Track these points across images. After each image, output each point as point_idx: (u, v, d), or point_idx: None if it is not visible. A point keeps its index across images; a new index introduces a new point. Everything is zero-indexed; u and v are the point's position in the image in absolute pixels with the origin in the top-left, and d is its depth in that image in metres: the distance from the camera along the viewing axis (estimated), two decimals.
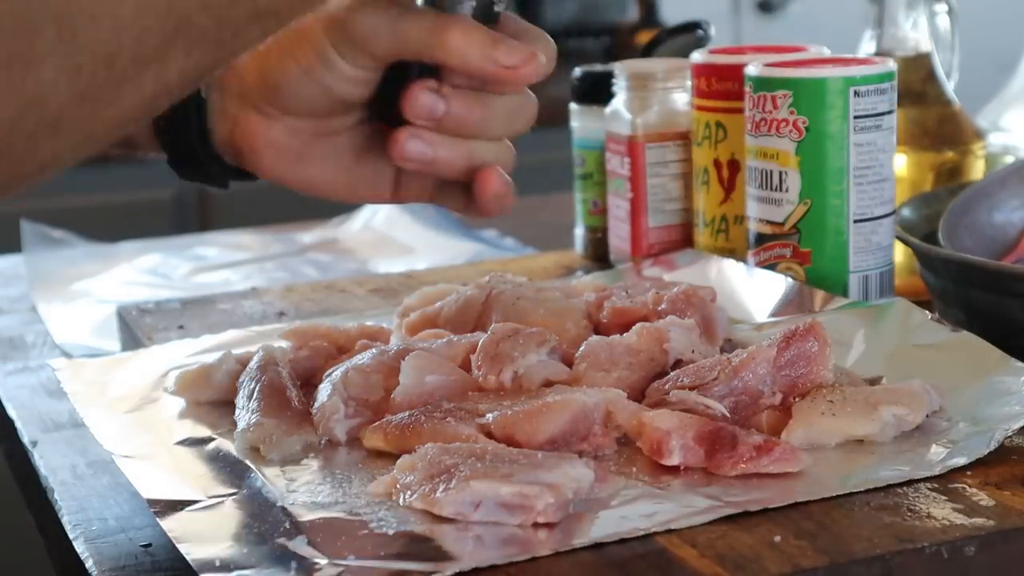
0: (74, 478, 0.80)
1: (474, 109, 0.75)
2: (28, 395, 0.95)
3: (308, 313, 1.04)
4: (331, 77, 0.74)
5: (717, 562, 0.61)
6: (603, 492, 0.67)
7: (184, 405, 0.82)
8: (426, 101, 0.74)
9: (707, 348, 0.82)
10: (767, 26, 3.24)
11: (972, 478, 0.68)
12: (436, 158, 0.76)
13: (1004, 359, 0.78)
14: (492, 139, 0.77)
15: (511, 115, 0.77)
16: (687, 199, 1.08)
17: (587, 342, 0.81)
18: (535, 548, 0.62)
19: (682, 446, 0.70)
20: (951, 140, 1.07)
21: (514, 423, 0.72)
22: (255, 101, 0.77)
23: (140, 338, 0.99)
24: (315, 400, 0.78)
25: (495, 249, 1.30)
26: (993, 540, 0.63)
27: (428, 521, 0.65)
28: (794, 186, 0.94)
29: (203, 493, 0.69)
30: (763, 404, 0.74)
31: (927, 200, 1.01)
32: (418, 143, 0.75)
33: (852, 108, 0.92)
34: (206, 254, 1.36)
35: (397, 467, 0.69)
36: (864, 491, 0.67)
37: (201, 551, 0.63)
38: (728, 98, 1.02)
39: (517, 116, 0.78)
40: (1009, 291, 0.84)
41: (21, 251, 1.34)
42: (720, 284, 0.95)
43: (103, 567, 0.69)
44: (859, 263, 0.94)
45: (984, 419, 0.73)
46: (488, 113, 0.76)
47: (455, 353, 0.81)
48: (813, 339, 0.76)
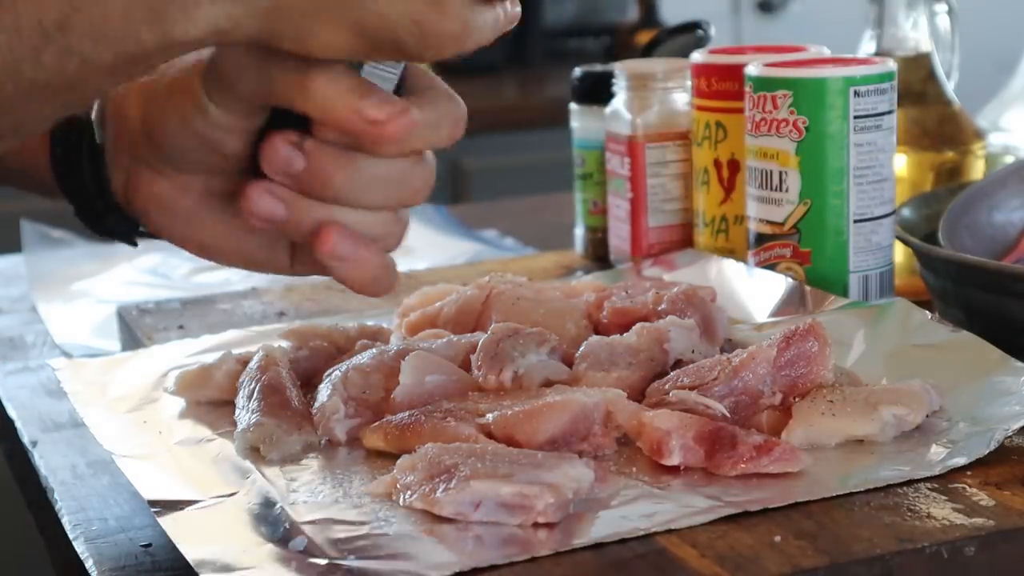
0: (74, 478, 0.80)
1: (340, 169, 0.67)
2: (28, 395, 0.95)
3: (308, 313, 1.04)
4: (204, 124, 0.68)
5: (717, 562, 0.61)
6: (603, 492, 0.67)
7: (184, 405, 0.82)
8: (281, 153, 0.67)
9: (707, 348, 0.82)
10: (767, 26, 3.24)
11: (972, 478, 0.68)
12: (289, 220, 0.68)
13: (1004, 359, 0.78)
14: (365, 207, 0.68)
15: (391, 182, 0.68)
16: (687, 199, 1.08)
17: (587, 342, 0.81)
18: (535, 548, 0.62)
19: (682, 446, 0.70)
20: (951, 140, 1.07)
21: (514, 423, 0.72)
22: (143, 154, 0.72)
23: (140, 338, 0.99)
24: (315, 400, 0.78)
25: (495, 249, 1.30)
26: (993, 540, 0.63)
27: (428, 521, 0.65)
28: (794, 186, 0.94)
29: (203, 493, 0.69)
30: (763, 404, 0.74)
31: (927, 200, 1.01)
32: (268, 200, 0.68)
33: (852, 108, 0.92)
34: None
35: (397, 467, 0.69)
36: (864, 491, 0.67)
37: (201, 551, 0.63)
38: (728, 98, 1.02)
39: (399, 184, 0.69)
40: (1009, 291, 0.84)
41: (21, 251, 1.34)
42: (720, 284, 0.95)
43: (103, 567, 0.69)
44: (859, 263, 0.94)
45: (984, 419, 0.73)
46: (358, 176, 0.67)
47: (455, 353, 0.81)
48: (813, 339, 0.76)
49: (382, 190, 0.68)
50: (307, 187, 0.68)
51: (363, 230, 0.69)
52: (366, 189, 0.68)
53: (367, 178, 0.68)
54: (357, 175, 0.67)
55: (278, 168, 0.67)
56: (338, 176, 0.67)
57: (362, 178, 0.67)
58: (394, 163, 0.68)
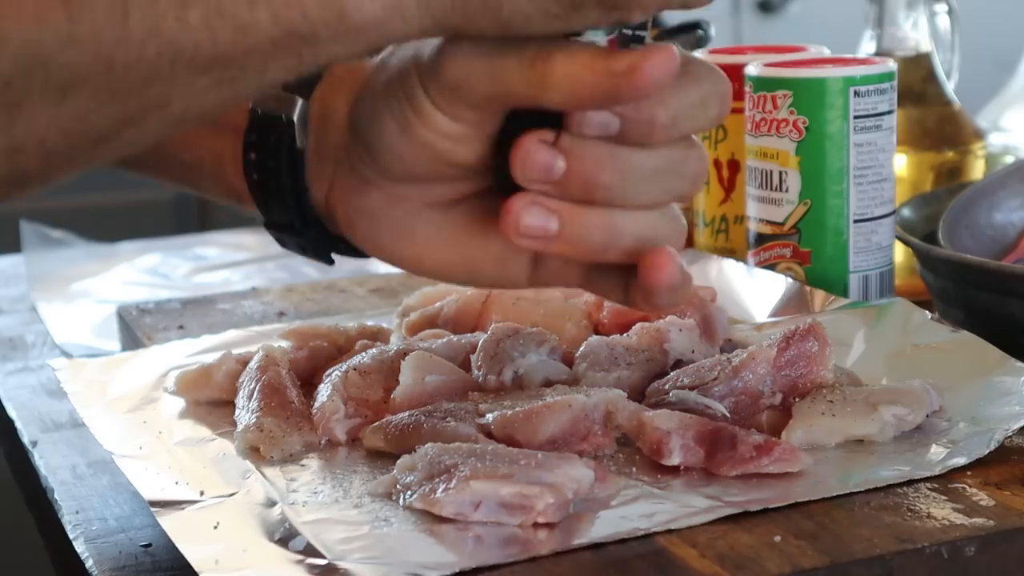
0: (74, 478, 0.80)
1: (607, 165, 0.59)
2: (28, 395, 0.95)
3: (308, 313, 1.04)
4: (430, 133, 0.60)
5: (717, 562, 0.61)
6: (603, 492, 0.67)
7: (184, 405, 0.82)
8: (539, 157, 0.58)
9: (707, 348, 0.82)
10: (767, 26, 3.24)
11: (972, 478, 0.68)
12: (562, 234, 0.60)
13: (1004, 359, 0.78)
14: (640, 205, 0.60)
15: (665, 172, 0.60)
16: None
17: (587, 342, 0.81)
18: (535, 548, 0.62)
19: (682, 446, 0.70)
20: (951, 140, 1.07)
21: (514, 423, 0.72)
22: (351, 161, 0.65)
23: (140, 338, 0.99)
24: (315, 400, 0.78)
25: None
26: (993, 540, 0.63)
27: (428, 521, 0.65)
28: (794, 186, 0.94)
29: (203, 493, 0.69)
30: (763, 404, 0.74)
31: (927, 200, 1.01)
32: (536, 214, 0.59)
33: (852, 108, 0.92)
34: (206, 254, 1.36)
35: (397, 467, 0.69)
36: (864, 491, 0.67)
37: (201, 551, 0.63)
38: None
39: (674, 174, 0.61)
40: (1009, 291, 0.84)
41: (21, 251, 1.34)
42: (720, 284, 0.95)
43: (103, 567, 0.69)
44: (859, 263, 0.94)
45: (984, 419, 0.73)
46: (628, 170, 0.59)
47: (455, 353, 0.81)
48: (813, 339, 0.76)
49: (657, 182, 0.60)
50: (572, 192, 0.59)
51: (642, 233, 0.61)
52: (640, 184, 0.60)
53: (639, 171, 0.60)
54: (627, 169, 0.59)
55: (537, 175, 0.59)
56: (606, 173, 0.59)
57: (633, 172, 0.59)
58: (665, 152, 0.60)
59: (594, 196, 0.59)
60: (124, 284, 1.24)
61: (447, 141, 0.61)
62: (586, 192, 0.59)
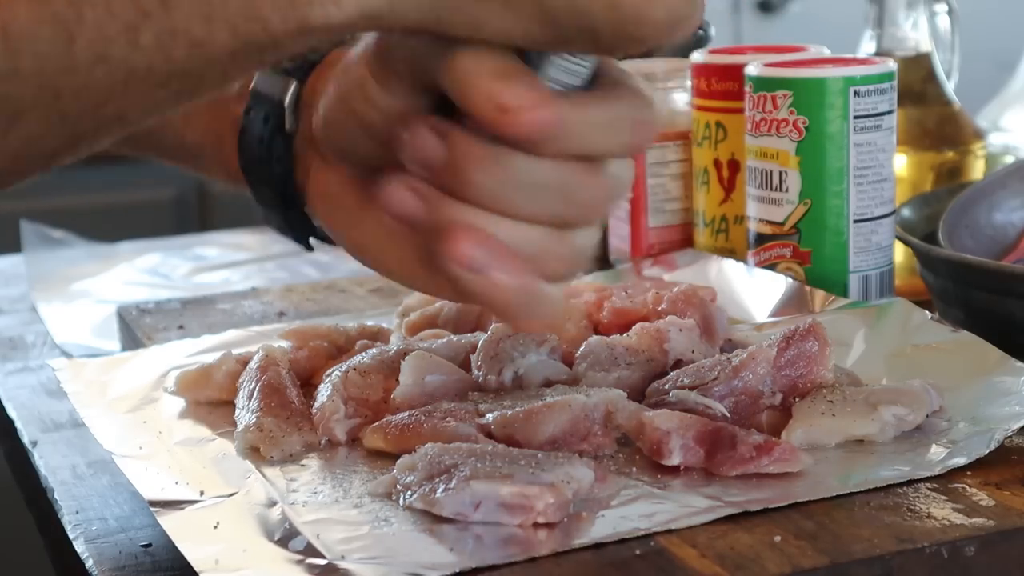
0: (74, 478, 0.80)
1: (484, 166, 0.57)
2: (28, 395, 0.95)
3: (308, 313, 1.04)
4: (366, 107, 0.60)
5: (717, 562, 0.61)
6: (603, 492, 0.67)
7: (184, 405, 0.82)
8: (420, 142, 0.57)
9: (707, 348, 0.82)
10: (767, 26, 3.24)
11: (972, 478, 0.68)
12: (426, 219, 0.58)
13: (1004, 359, 0.78)
14: (515, 216, 0.58)
15: (547, 190, 0.57)
16: (687, 199, 1.08)
17: (587, 342, 0.81)
18: (535, 548, 0.62)
19: (682, 446, 0.70)
20: (951, 140, 1.07)
21: (514, 423, 0.72)
22: (317, 143, 0.66)
23: (140, 338, 0.99)
24: (315, 400, 0.78)
25: None
26: (993, 540, 0.63)
27: (428, 521, 0.65)
28: (794, 186, 0.94)
29: (203, 493, 0.69)
30: (763, 404, 0.74)
31: (927, 200, 1.01)
32: (404, 193, 0.58)
33: (852, 108, 0.92)
34: (206, 254, 1.36)
35: (397, 467, 0.69)
36: (864, 491, 0.67)
37: (201, 551, 0.63)
38: (728, 98, 1.02)
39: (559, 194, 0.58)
40: (1009, 291, 0.84)
41: (21, 251, 1.34)
42: (720, 284, 0.95)
43: (103, 567, 0.69)
44: (859, 263, 0.94)
45: (984, 419, 0.73)
46: (505, 176, 0.57)
47: (455, 353, 0.81)
48: (813, 339, 0.76)
49: (535, 198, 0.57)
50: (449, 184, 0.58)
51: (513, 245, 0.58)
52: (514, 194, 0.57)
53: (516, 181, 0.57)
54: (504, 175, 0.57)
55: (415, 156, 0.58)
56: (480, 173, 0.57)
57: (510, 180, 0.57)
58: (554, 168, 0.57)
59: (465, 193, 0.57)
60: (124, 284, 1.24)
61: (379, 116, 0.60)
62: (461, 187, 0.57)
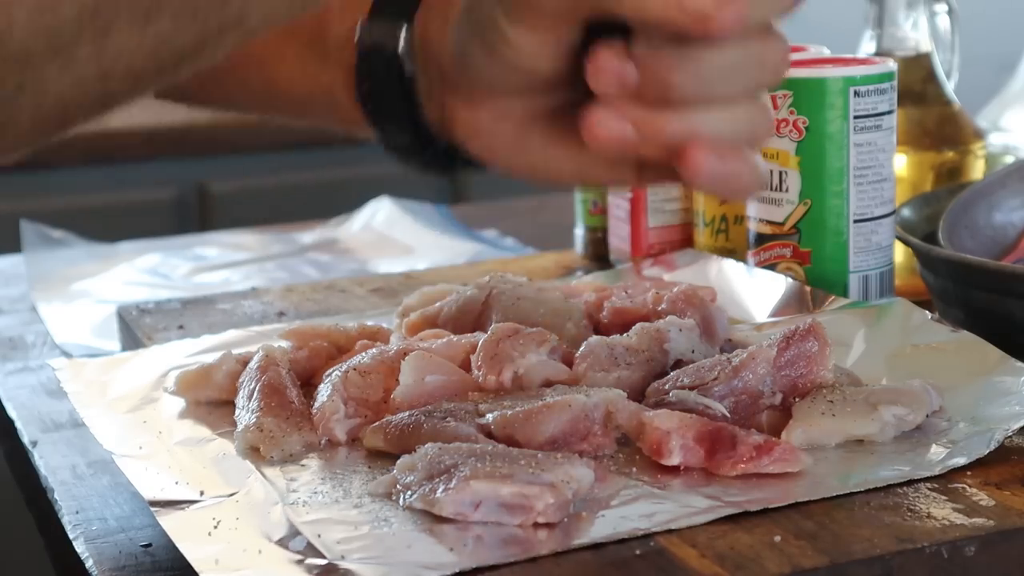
0: (74, 478, 0.80)
1: (679, 67, 0.58)
2: (28, 395, 0.95)
3: (308, 313, 1.04)
4: (510, 50, 0.61)
5: (717, 562, 0.61)
6: (603, 492, 0.67)
7: (184, 405, 0.82)
8: (610, 67, 0.59)
9: (707, 348, 0.82)
10: None
11: (972, 478, 0.68)
12: (642, 139, 0.60)
13: (1004, 359, 0.78)
14: (719, 102, 0.60)
15: (742, 67, 0.60)
16: (687, 199, 1.08)
17: (587, 342, 0.81)
18: (535, 548, 0.62)
19: (682, 446, 0.70)
20: (951, 140, 1.07)
21: (514, 423, 0.72)
22: (456, 82, 0.66)
23: (140, 338, 0.99)
24: (315, 400, 0.78)
25: (495, 249, 1.30)
26: (993, 540, 0.63)
27: (428, 521, 0.65)
28: (794, 186, 0.94)
29: (203, 493, 0.69)
30: (763, 404, 0.74)
31: (927, 200, 1.01)
32: (613, 122, 0.60)
33: (852, 108, 0.92)
34: (206, 254, 1.36)
35: (397, 467, 0.69)
36: (864, 491, 0.67)
37: (201, 551, 0.63)
38: None
39: (753, 66, 0.60)
40: (1009, 291, 0.84)
41: (21, 251, 1.35)
42: (720, 284, 0.95)
43: (103, 567, 0.69)
44: (859, 263, 0.94)
45: (984, 419, 0.73)
46: (703, 71, 0.59)
47: (455, 353, 0.81)
48: (813, 339, 0.76)
49: (733, 78, 0.60)
50: (647, 97, 0.59)
51: (724, 129, 0.60)
52: (715, 82, 0.59)
53: (714, 71, 0.59)
54: (702, 70, 0.59)
55: (611, 84, 0.59)
56: (678, 75, 0.58)
57: (708, 72, 0.59)
58: (739, 45, 0.59)
59: (670, 98, 0.59)
60: (124, 284, 1.25)
61: (529, 57, 0.61)
62: (661, 96, 0.59)
